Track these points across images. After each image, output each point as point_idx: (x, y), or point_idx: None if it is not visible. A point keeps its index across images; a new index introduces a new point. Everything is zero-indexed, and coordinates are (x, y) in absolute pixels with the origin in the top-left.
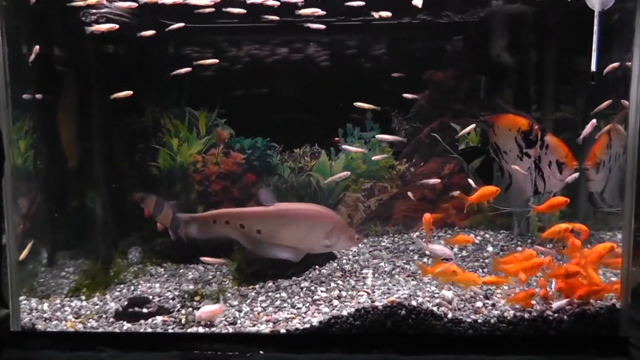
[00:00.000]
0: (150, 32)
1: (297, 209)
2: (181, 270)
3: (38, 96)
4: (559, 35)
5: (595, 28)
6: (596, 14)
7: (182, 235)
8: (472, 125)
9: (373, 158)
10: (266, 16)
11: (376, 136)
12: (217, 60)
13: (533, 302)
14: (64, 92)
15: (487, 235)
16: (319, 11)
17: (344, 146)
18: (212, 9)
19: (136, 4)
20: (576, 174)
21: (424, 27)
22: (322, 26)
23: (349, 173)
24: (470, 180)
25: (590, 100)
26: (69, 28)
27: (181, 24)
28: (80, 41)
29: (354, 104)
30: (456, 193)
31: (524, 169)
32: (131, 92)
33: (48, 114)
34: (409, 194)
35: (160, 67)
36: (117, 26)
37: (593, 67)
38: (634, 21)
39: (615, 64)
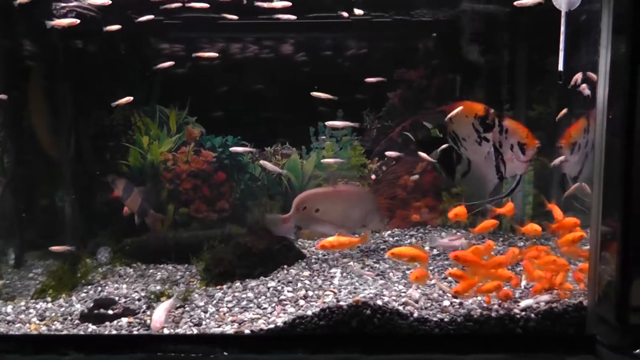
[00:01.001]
0: (116, 27)
1: (349, 188)
2: (150, 271)
3: (2, 96)
4: (530, 35)
5: (562, 28)
6: (563, 14)
7: (149, 223)
8: (459, 108)
9: (322, 161)
10: (226, 15)
11: (326, 123)
12: (216, 54)
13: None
14: (34, 88)
15: (458, 234)
16: (289, 4)
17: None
18: (179, 4)
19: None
20: (561, 157)
21: (396, 26)
22: (293, 17)
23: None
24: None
25: (562, 99)
26: (35, 23)
27: (150, 17)
28: (49, 37)
29: (311, 93)
30: (414, 177)
31: (483, 153)
32: (131, 98)
33: (15, 111)
34: (372, 176)
35: (131, 63)
36: (78, 21)
37: (560, 67)
38: (600, 22)
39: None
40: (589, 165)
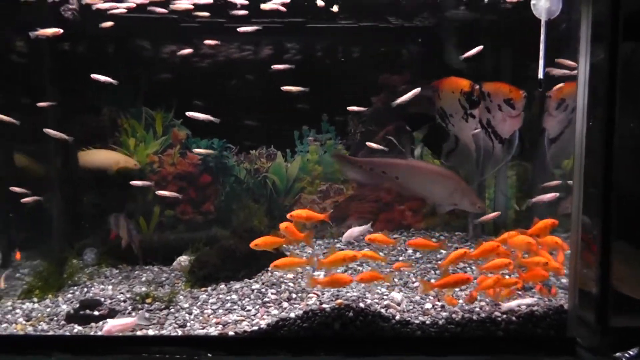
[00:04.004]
0: (109, 24)
1: (422, 165)
2: (136, 272)
3: None
4: (512, 42)
5: (542, 37)
6: (543, 23)
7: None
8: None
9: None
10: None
11: (186, 113)
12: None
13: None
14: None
15: (442, 237)
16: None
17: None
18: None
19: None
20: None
21: (380, 31)
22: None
23: None
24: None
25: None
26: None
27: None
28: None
29: (282, 88)
30: None
31: (470, 130)
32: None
33: None
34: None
35: (118, 65)
36: (62, 31)
37: (540, 75)
38: (579, 31)
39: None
40: (568, 134)
